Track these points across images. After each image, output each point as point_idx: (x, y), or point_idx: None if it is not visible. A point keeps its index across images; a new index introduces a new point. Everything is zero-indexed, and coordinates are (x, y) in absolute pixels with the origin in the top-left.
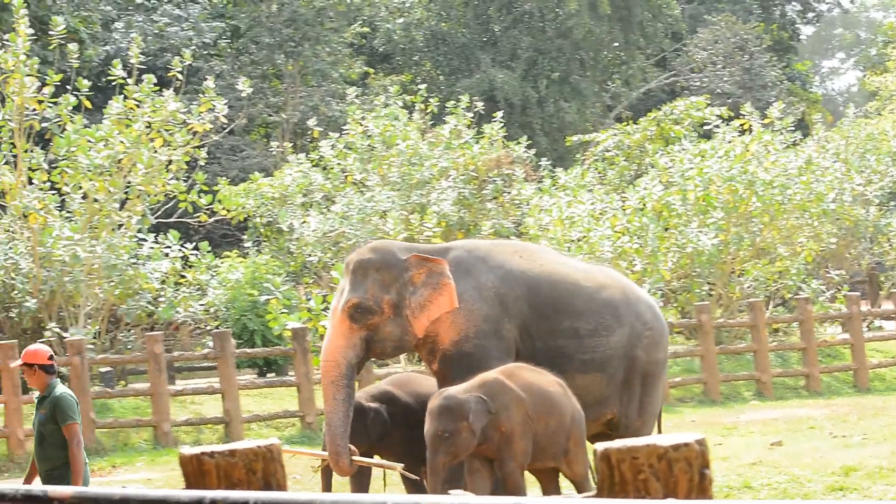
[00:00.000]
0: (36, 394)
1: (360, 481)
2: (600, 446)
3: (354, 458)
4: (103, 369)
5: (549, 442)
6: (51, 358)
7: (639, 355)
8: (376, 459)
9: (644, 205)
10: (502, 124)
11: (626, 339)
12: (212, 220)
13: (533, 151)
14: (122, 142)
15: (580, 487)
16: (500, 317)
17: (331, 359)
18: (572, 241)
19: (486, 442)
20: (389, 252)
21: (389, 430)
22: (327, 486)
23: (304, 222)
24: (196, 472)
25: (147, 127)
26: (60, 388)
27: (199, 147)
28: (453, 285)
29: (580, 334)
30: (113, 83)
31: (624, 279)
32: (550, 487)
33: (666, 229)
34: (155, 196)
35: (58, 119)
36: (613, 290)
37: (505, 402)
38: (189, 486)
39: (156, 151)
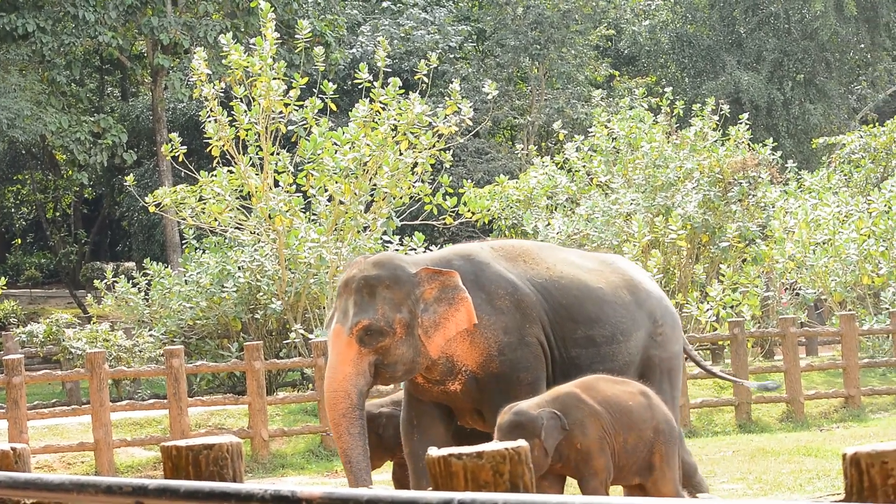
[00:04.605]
0: None
1: None
2: (850, 450)
3: None
4: None
5: (628, 460)
6: None
7: (653, 355)
8: None
9: (890, 208)
10: (748, 126)
11: (642, 342)
12: (457, 222)
13: (779, 154)
14: (367, 144)
15: None
16: (520, 324)
17: (340, 389)
18: (817, 243)
19: (561, 460)
20: (398, 266)
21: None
22: None
23: (548, 225)
24: (443, 473)
25: (393, 130)
26: None
27: (444, 150)
28: (470, 300)
29: (596, 342)
30: (359, 86)
31: (631, 272)
32: None
33: None
34: (400, 198)
35: (304, 122)
36: (624, 291)
37: (579, 417)
38: (436, 487)
39: (401, 154)
